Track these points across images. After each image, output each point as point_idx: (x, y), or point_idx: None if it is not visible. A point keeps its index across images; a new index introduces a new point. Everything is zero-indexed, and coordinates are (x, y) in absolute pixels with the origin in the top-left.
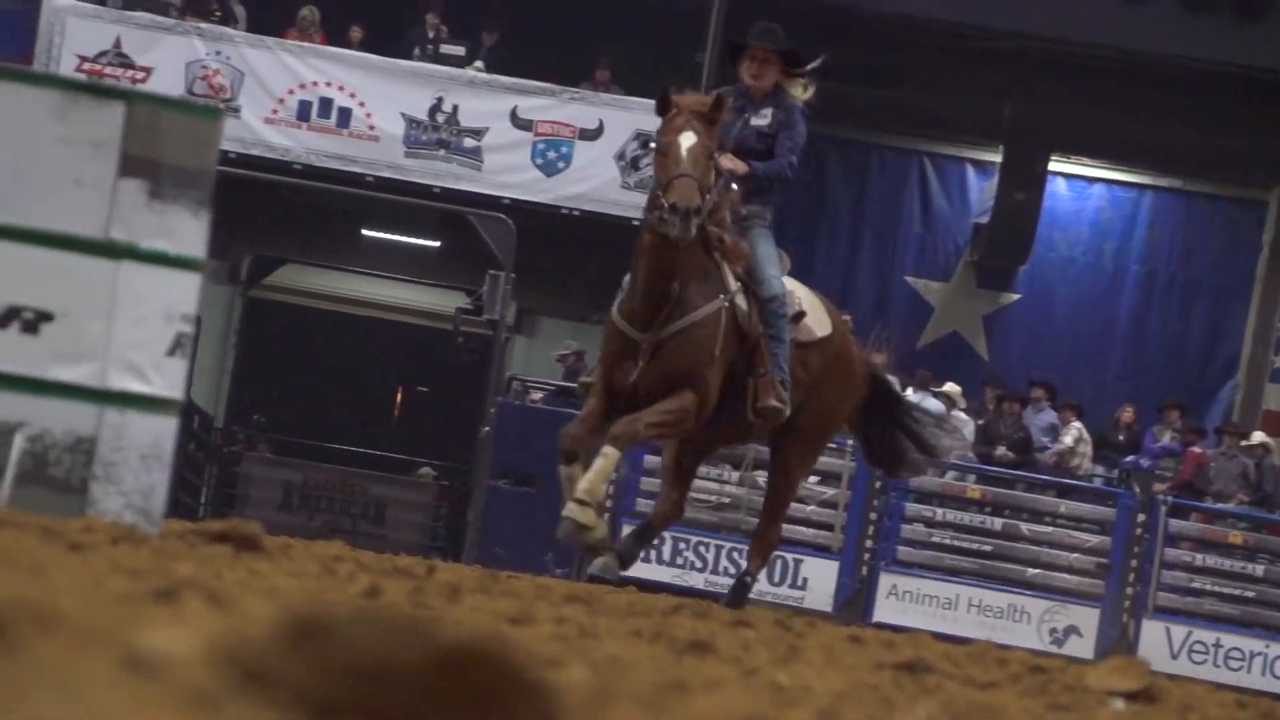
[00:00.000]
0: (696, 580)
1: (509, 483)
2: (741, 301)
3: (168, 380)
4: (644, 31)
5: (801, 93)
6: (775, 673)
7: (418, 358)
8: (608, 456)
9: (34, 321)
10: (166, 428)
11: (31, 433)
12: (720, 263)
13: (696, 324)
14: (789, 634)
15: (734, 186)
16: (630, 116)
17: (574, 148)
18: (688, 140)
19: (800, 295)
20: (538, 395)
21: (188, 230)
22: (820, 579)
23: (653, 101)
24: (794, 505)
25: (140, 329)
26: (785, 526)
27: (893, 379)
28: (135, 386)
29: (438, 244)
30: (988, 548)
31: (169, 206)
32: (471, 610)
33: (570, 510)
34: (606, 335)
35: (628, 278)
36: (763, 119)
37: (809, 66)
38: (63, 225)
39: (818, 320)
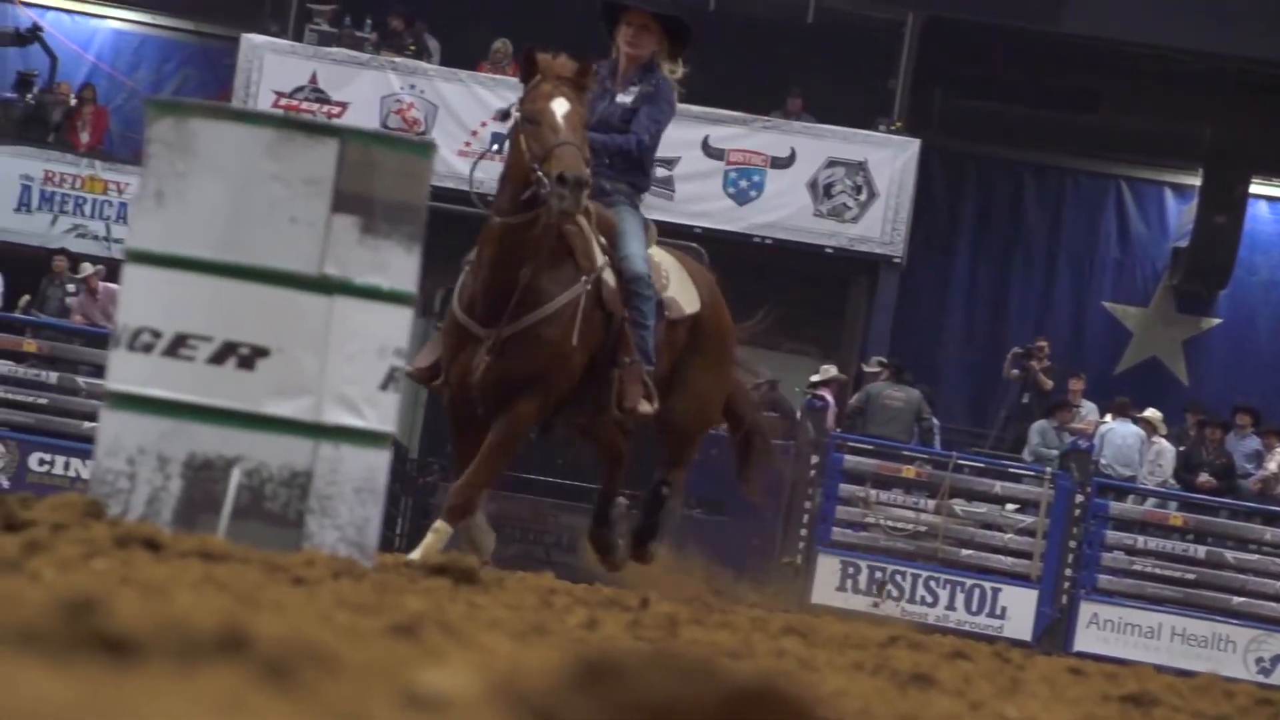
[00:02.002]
0: (893, 609)
1: (702, 511)
2: (609, 277)
3: (381, 414)
4: (836, 59)
5: (674, 72)
6: (1002, 706)
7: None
8: (438, 532)
9: (250, 357)
10: (380, 461)
11: (248, 467)
12: (587, 235)
13: (548, 319)
14: (1009, 666)
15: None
16: (822, 144)
17: (766, 176)
18: (562, 107)
19: (667, 268)
20: None
21: (400, 265)
22: (1019, 608)
23: (845, 129)
24: (990, 532)
25: (354, 364)
26: (982, 554)
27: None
28: (349, 420)
29: None
30: (1191, 575)
31: (382, 242)
32: (688, 643)
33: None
34: (445, 329)
35: (468, 261)
36: (628, 95)
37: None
38: (277, 262)
39: (685, 295)
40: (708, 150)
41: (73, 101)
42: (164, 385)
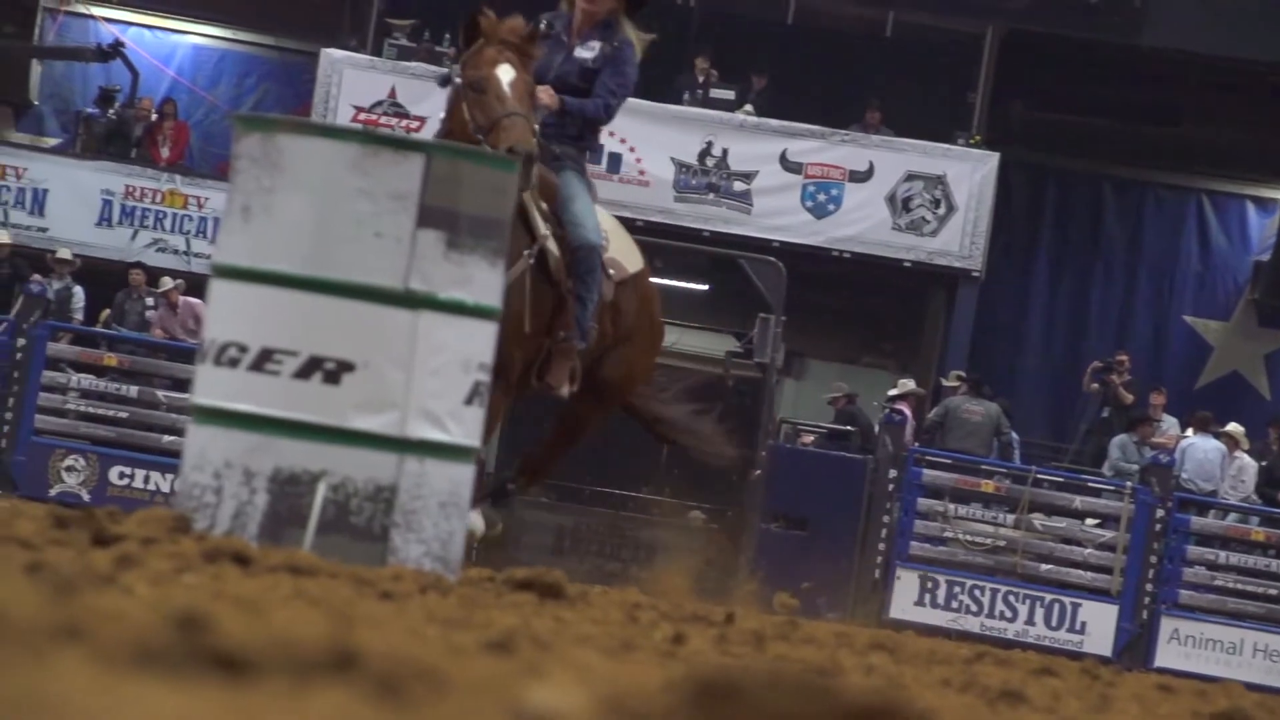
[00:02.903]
0: (972, 624)
1: (781, 526)
2: (554, 247)
3: (465, 429)
4: (914, 72)
5: (634, 34)
6: None
7: (687, 400)
8: None
9: (335, 372)
10: (464, 476)
11: (333, 481)
12: (527, 204)
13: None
14: (1097, 683)
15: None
16: (901, 158)
17: (844, 190)
18: (507, 74)
19: (607, 228)
20: (809, 438)
21: (484, 280)
22: (1099, 623)
23: (924, 142)
24: (1070, 547)
25: (439, 378)
26: (1061, 569)
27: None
28: (434, 435)
29: (706, 287)
30: (1273, 591)
31: (467, 256)
32: (775, 659)
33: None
34: None
35: None
36: (589, 51)
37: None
38: (363, 277)
39: (627, 254)
40: (786, 164)
41: (153, 116)
42: (250, 400)
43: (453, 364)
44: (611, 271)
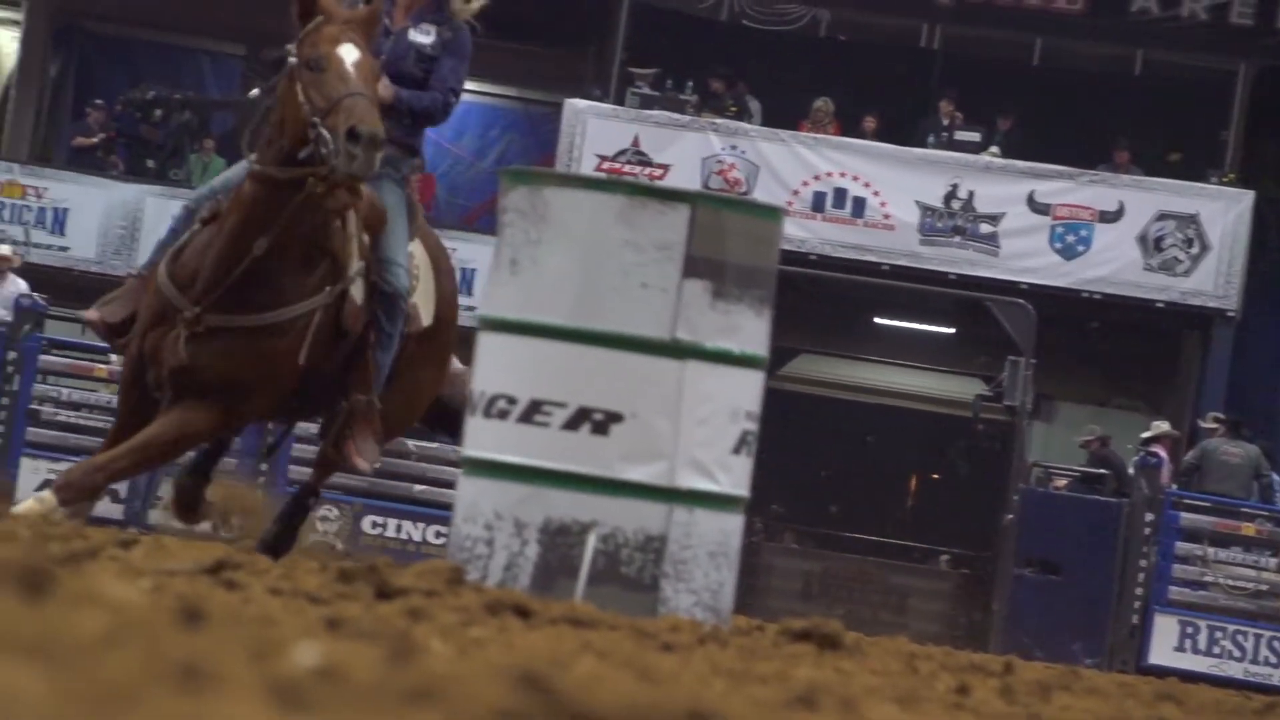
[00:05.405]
0: (1235, 670)
1: (1034, 571)
2: (357, 292)
3: (733, 478)
4: (1163, 110)
5: (464, 5)
6: None
7: (934, 445)
8: (43, 502)
9: (604, 422)
10: (733, 525)
11: (604, 532)
12: (350, 234)
13: (274, 328)
14: None
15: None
16: (1151, 197)
17: (1094, 230)
18: (351, 54)
19: (418, 264)
20: (1061, 482)
21: (751, 329)
22: None
23: (1175, 181)
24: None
25: (706, 428)
26: (1272, 604)
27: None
28: (703, 485)
29: (952, 331)
30: None
31: (733, 306)
32: (1063, 710)
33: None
34: (152, 288)
35: (195, 212)
36: (425, 35)
37: None
38: (630, 327)
39: (424, 304)
40: (1033, 205)
41: None
42: (520, 451)
43: (720, 413)
44: (407, 327)
